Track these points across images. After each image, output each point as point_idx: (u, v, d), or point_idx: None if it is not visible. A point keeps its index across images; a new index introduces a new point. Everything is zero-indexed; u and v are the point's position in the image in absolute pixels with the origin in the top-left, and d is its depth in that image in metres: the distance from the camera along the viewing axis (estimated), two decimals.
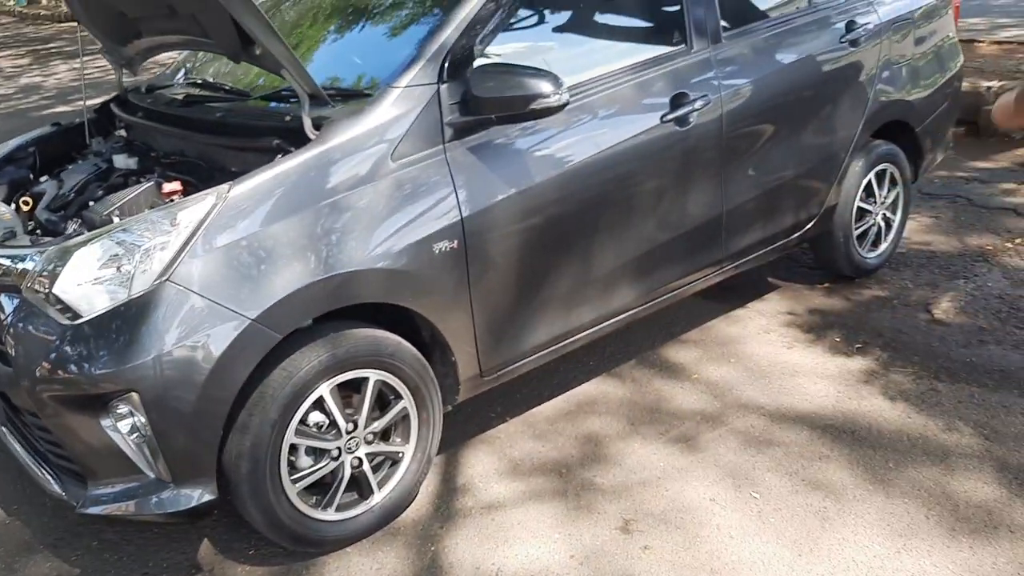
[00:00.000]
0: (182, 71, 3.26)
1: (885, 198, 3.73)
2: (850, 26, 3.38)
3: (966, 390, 2.91)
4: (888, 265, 3.86)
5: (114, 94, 3.13)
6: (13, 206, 2.62)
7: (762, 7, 3.32)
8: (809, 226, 3.44)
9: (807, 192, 3.37)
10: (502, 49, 2.57)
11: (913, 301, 3.56)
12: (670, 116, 2.79)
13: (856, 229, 3.63)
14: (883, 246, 3.80)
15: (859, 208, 3.61)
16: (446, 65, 2.37)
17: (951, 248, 4.03)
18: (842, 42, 3.35)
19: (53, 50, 14.11)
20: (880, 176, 3.67)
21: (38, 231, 2.51)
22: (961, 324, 3.34)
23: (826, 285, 3.77)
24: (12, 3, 25.69)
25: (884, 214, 3.76)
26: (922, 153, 3.83)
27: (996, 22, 9.13)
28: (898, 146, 3.70)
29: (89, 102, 3.19)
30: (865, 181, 3.58)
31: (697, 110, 2.85)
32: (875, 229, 3.74)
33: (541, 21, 2.78)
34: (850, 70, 3.39)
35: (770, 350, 3.27)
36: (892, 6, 3.58)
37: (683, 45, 2.91)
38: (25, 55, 13.93)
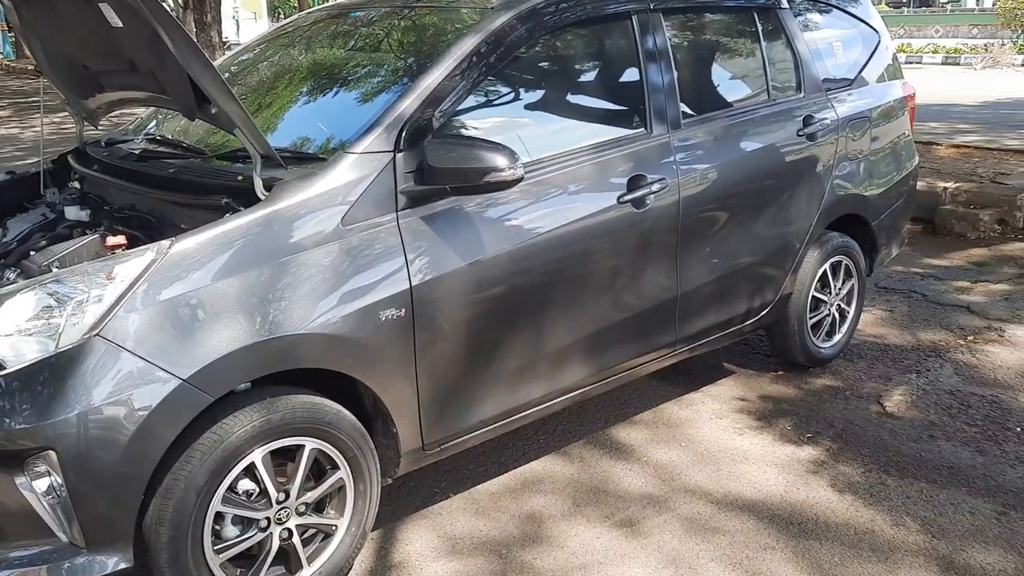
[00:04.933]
0: (148, 126, 3.25)
1: (840, 289, 3.77)
2: (808, 120, 3.46)
3: (915, 485, 2.88)
4: (842, 356, 3.87)
5: (73, 146, 3.11)
6: None
7: (724, 98, 3.41)
8: (763, 313, 3.45)
9: (762, 279, 3.39)
10: (463, 122, 2.59)
11: (865, 393, 3.57)
12: (627, 197, 2.82)
13: (811, 318, 3.65)
14: (837, 337, 3.82)
15: (814, 298, 3.64)
16: (403, 134, 2.38)
17: (904, 342, 4.06)
18: (799, 135, 3.43)
19: (35, 103, 14.13)
20: (835, 267, 3.71)
21: None
22: (912, 418, 3.33)
23: (780, 373, 3.77)
24: (1, 56, 25.89)
25: (839, 305, 3.79)
26: (877, 247, 3.90)
27: (955, 127, 9.47)
28: (854, 239, 3.77)
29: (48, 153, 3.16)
30: (820, 272, 3.62)
31: (654, 192, 2.88)
32: (830, 319, 3.76)
33: (504, 98, 2.81)
34: (806, 163, 3.46)
35: (721, 435, 3.24)
36: (850, 104, 3.69)
37: (643, 129, 2.96)
38: (7, 107, 13.95)
